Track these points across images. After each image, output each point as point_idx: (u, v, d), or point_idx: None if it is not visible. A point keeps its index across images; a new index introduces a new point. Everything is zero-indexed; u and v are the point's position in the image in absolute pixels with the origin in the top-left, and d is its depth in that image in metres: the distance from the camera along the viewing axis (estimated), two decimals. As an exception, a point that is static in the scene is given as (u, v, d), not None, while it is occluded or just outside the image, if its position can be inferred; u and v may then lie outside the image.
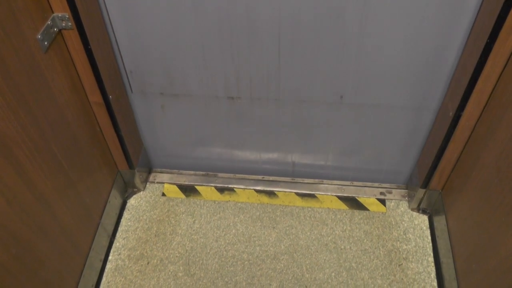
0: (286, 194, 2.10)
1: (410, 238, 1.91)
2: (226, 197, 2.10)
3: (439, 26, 1.42)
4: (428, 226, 1.95)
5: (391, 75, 1.61)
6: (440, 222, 1.85)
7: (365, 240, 1.91)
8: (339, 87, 1.68)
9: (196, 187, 2.15)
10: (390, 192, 2.08)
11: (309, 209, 2.04)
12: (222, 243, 1.93)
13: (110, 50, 1.62)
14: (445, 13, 1.38)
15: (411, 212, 2.00)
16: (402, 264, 1.83)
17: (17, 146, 1.23)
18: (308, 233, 1.94)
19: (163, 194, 2.12)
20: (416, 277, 1.79)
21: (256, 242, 1.93)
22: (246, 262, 1.86)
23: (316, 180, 2.13)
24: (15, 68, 1.20)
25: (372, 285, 1.78)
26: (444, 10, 1.38)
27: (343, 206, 2.04)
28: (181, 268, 1.85)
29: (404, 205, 2.03)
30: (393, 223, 1.97)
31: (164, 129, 1.99)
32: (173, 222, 2.00)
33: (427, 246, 1.88)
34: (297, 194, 2.10)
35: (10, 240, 1.22)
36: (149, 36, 1.59)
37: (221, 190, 2.13)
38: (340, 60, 1.58)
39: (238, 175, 2.17)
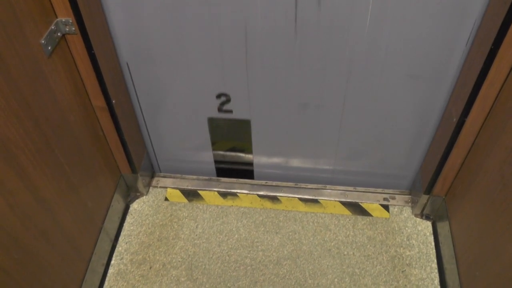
0: (289, 199, 2.10)
1: (413, 244, 1.90)
2: (229, 202, 2.09)
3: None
4: (431, 232, 1.94)
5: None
6: (443, 228, 1.84)
7: (368, 246, 1.90)
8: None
9: (199, 191, 2.14)
10: (393, 198, 2.07)
11: (312, 214, 2.03)
12: (225, 248, 1.92)
13: (113, 54, 1.63)
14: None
15: (414, 218, 2.00)
16: (405, 270, 1.82)
17: (19, 150, 1.23)
18: (311, 238, 1.94)
19: (166, 199, 2.12)
20: (420, 283, 1.78)
21: (259, 247, 1.92)
22: (249, 267, 1.85)
23: (319, 186, 2.12)
24: (18, 72, 1.20)
25: (375, 291, 1.77)
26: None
27: (346, 211, 2.03)
28: (183, 272, 1.85)
29: (407, 211, 2.02)
30: (396, 229, 1.96)
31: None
32: (176, 226, 2.00)
33: (431, 252, 1.87)
34: (300, 199, 2.09)
35: (11, 244, 1.22)
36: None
37: (224, 195, 2.13)
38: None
39: (241, 180, 2.17)
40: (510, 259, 1.28)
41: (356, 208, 2.05)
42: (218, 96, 1.79)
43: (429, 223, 1.97)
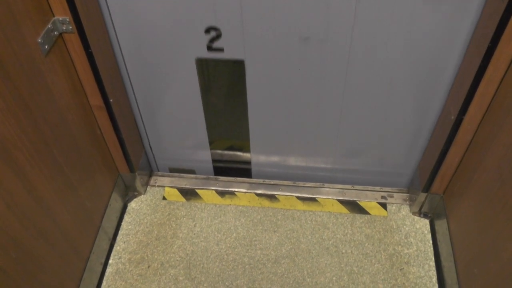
0: (287, 197, 2.10)
1: (411, 242, 1.90)
2: (227, 200, 2.09)
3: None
4: (429, 230, 1.94)
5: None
6: (441, 226, 1.84)
7: (366, 244, 1.90)
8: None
9: (197, 190, 2.14)
10: (391, 196, 2.07)
11: (310, 212, 2.03)
12: (223, 246, 1.92)
13: (111, 53, 1.62)
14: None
15: (412, 216, 2.00)
16: (403, 268, 1.82)
17: (17, 149, 1.22)
18: (309, 237, 1.94)
19: (164, 198, 2.12)
20: (418, 281, 1.78)
21: (257, 245, 1.92)
22: (247, 266, 1.85)
23: (317, 184, 2.12)
24: (16, 71, 1.20)
25: (374, 289, 1.77)
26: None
27: (344, 210, 2.04)
28: (181, 272, 1.84)
29: (405, 209, 2.03)
30: (394, 227, 1.96)
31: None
32: (174, 225, 2.00)
33: (429, 250, 1.87)
34: (298, 197, 2.09)
35: (10, 244, 1.22)
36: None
37: (221, 193, 2.13)
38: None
39: (239, 179, 2.17)
40: (508, 257, 1.28)
41: (354, 207, 2.05)
42: (207, 31, 1.57)
43: (427, 221, 1.97)
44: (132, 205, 2.09)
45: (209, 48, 1.62)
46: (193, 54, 1.66)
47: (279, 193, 2.12)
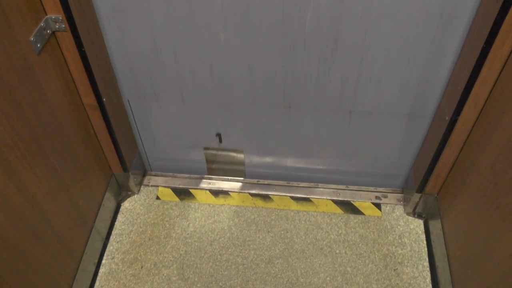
0: (281, 197, 2.09)
1: (405, 243, 1.90)
2: (220, 200, 2.09)
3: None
4: (423, 230, 1.94)
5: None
6: (435, 226, 1.84)
7: (360, 245, 1.90)
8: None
9: (191, 190, 2.13)
10: (385, 196, 2.07)
11: (304, 213, 2.03)
12: (217, 247, 1.91)
13: (104, 52, 1.61)
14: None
15: (406, 216, 2.00)
16: (397, 268, 1.82)
17: (9, 149, 1.21)
18: (303, 237, 1.93)
19: (158, 197, 2.11)
20: (412, 281, 1.78)
21: (251, 246, 1.91)
22: (241, 266, 1.85)
23: (312, 184, 2.12)
24: (7, 70, 1.19)
25: (367, 290, 1.77)
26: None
27: (338, 210, 2.03)
28: (175, 272, 1.84)
29: (399, 209, 2.03)
30: (388, 227, 1.96)
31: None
32: (167, 225, 1.99)
33: (423, 250, 1.87)
34: (292, 198, 2.09)
35: (1, 244, 1.21)
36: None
37: (215, 193, 2.12)
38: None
39: (232, 178, 2.16)
40: (502, 257, 1.28)
41: (348, 207, 2.05)
42: None
43: (421, 222, 1.97)
44: (126, 204, 2.08)
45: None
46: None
47: (273, 193, 2.11)
